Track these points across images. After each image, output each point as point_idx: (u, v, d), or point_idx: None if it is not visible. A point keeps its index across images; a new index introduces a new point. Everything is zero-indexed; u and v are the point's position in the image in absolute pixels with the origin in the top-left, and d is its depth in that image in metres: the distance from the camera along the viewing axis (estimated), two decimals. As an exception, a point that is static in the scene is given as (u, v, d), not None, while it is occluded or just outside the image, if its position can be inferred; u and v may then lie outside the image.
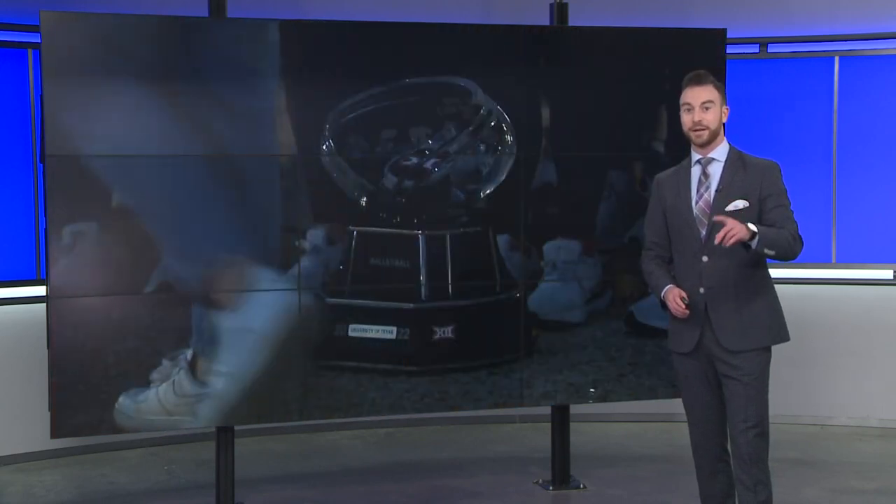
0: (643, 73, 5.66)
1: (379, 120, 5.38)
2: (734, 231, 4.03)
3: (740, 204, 4.23)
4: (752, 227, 4.08)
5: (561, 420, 5.81)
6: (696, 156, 4.37)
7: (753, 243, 4.08)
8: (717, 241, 4.05)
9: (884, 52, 6.98)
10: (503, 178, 5.55)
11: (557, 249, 5.64)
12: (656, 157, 5.68)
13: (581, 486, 5.79)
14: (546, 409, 5.89)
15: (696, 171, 4.35)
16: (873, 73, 7.00)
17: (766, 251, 4.13)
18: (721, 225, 4.06)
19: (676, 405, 4.53)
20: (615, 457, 6.43)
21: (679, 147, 5.59)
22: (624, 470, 6.12)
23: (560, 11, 5.70)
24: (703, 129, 4.28)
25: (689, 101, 4.30)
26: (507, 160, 5.55)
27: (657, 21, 6.23)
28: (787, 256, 4.19)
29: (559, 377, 5.64)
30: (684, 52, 5.68)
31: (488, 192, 5.55)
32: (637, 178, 5.73)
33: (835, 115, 7.03)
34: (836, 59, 7.02)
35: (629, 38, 5.71)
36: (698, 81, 4.31)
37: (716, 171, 4.31)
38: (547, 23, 5.71)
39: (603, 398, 5.73)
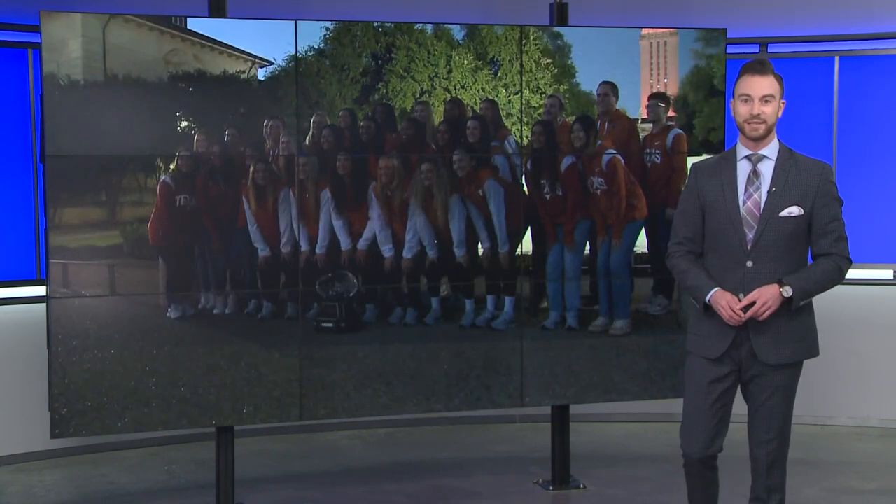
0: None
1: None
2: (767, 306, 3.92)
3: (795, 211, 3.99)
4: (787, 290, 3.93)
5: (561, 420, 5.81)
6: (744, 150, 4.07)
7: (793, 301, 3.97)
8: (747, 316, 3.94)
9: (884, 52, 6.98)
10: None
11: (561, 249, 5.64)
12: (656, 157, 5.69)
13: (581, 486, 5.79)
14: (546, 409, 5.89)
15: (743, 167, 4.06)
16: (873, 73, 7.00)
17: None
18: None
19: (676, 405, 4.51)
20: (615, 457, 6.43)
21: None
22: (624, 470, 6.12)
23: (560, 11, 5.70)
24: (761, 123, 4.00)
25: (748, 91, 4.01)
26: (507, 160, 5.54)
27: (657, 21, 6.23)
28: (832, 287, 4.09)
29: (559, 377, 5.63)
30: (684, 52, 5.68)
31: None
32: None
33: (835, 116, 7.02)
34: (836, 59, 7.01)
35: (629, 38, 5.71)
36: (760, 71, 4.02)
37: (767, 169, 4.03)
38: (547, 23, 5.72)
39: (603, 398, 5.74)
